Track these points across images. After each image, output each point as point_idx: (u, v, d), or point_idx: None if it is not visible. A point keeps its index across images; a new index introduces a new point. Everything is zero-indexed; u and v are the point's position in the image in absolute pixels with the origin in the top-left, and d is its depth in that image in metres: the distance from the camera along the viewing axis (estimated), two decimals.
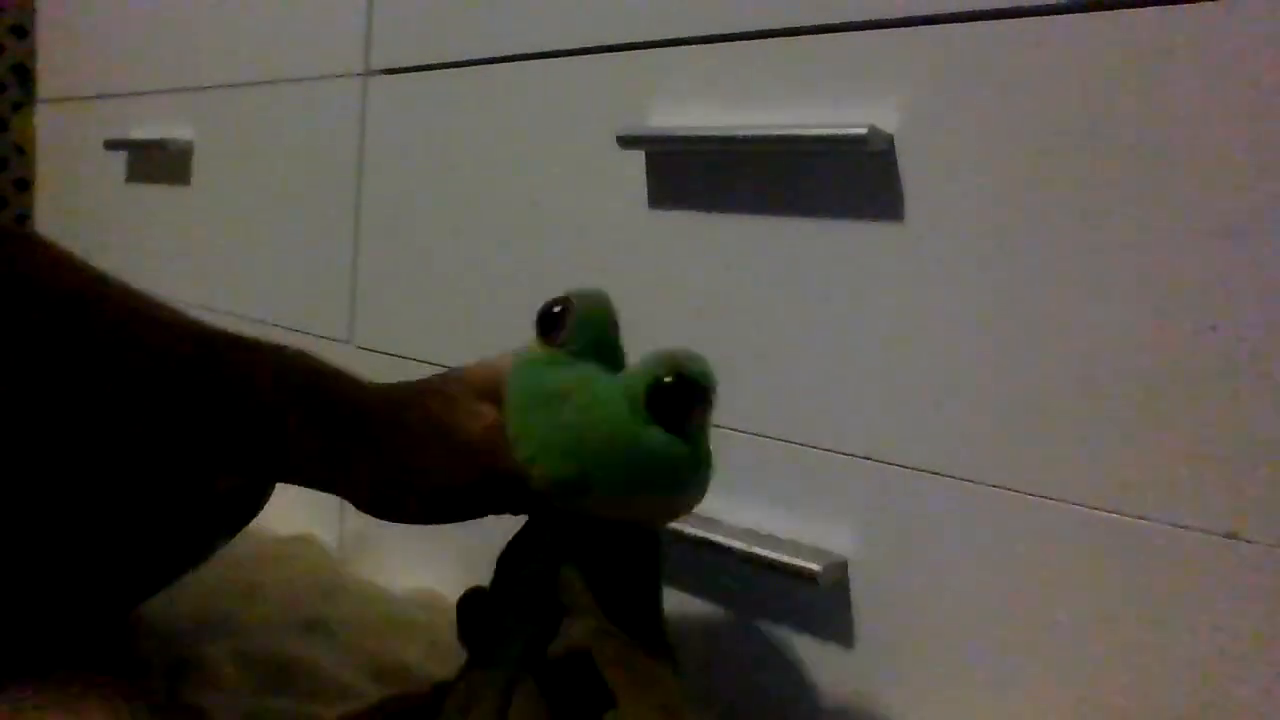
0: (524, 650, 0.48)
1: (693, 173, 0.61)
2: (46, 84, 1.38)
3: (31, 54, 1.49)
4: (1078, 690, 0.47)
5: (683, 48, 0.61)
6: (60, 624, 0.57)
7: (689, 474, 0.45)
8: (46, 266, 0.45)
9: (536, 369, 0.48)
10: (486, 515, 0.51)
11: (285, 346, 0.48)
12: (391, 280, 0.83)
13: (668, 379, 0.43)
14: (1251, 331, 0.42)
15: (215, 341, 0.46)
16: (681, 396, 0.43)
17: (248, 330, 0.49)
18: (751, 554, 0.55)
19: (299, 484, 0.49)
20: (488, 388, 0.49)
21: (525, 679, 0.47)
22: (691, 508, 0.47)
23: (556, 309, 0.48)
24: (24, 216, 1.74)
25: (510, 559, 0.50)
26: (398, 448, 0.47)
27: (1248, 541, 0.42)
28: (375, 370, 0.56)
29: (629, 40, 0.64)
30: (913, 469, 0.52)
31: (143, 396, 0.45)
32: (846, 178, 0.54)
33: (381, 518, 0.49)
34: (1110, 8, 0.45)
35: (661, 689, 0.47)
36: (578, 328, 0.48)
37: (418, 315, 0.80)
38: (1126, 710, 0.46)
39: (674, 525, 0.59)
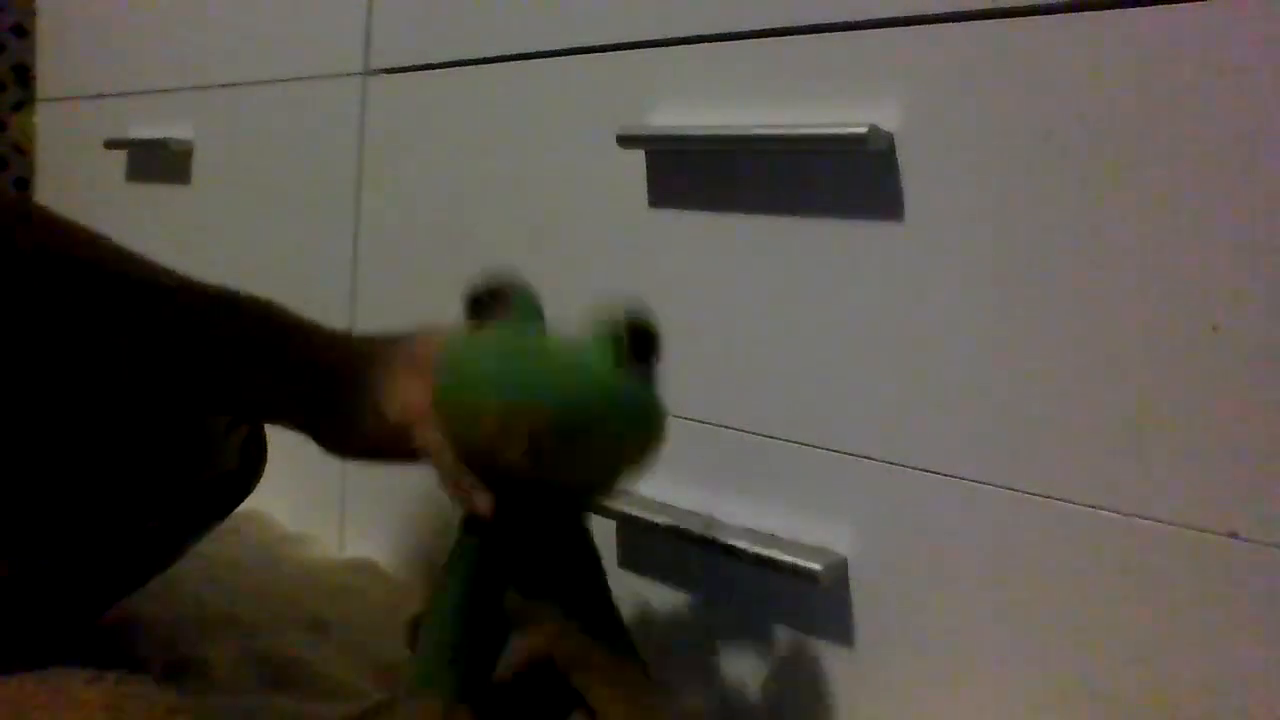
0: (461, 676, 0.47)
1: (693, 173, 0.61)
2: (46, 84, 1.38)
3: (31, 54, 1.48)
4: (1077, 689, 0.47)
5: (683, 48, 0.61)
6: (55, 612, 0.57)
7: (664, 416, 0.48)
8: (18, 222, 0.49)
9: (489, 337, 0.48)
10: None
11: (253, 297, 0.53)
12: (391, 280, 0.83)
13: (637, 328, 0.47)
14: (1252, 331, 0.42)
15: (189, 290, 0.51)
16: (650, 343, 0.48)
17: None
18: (751, 553, 0.55)
19: (254, 421, 0.61)
20: (424, 365, 0.51)
21: (462, 708, 0.46)
22: (656, 457, 0.48)
23: (488, 293, 0.50)
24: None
25: (447, 583, 0.50)
26: (338, 406, 0.53)
27: (1248, 541, 0.42)
28: None
29: (629, 40, 0.64)
30: (913, 469, 0.52)
31: (123, 337, 0.49)
32: (846, 178, 0.54)
33: (329, 453, 0.55)
34: (1110, 7, 0.45)
35: (635, 686, 0.48)
36: (517, 302, 0.49)
37: (418, 315, 0.80)
38: (1126, 709, 0.46)
39: (674, 523, 0.59)
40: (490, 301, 0.49)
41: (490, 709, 0.47)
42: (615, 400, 0.45)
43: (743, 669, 0.59)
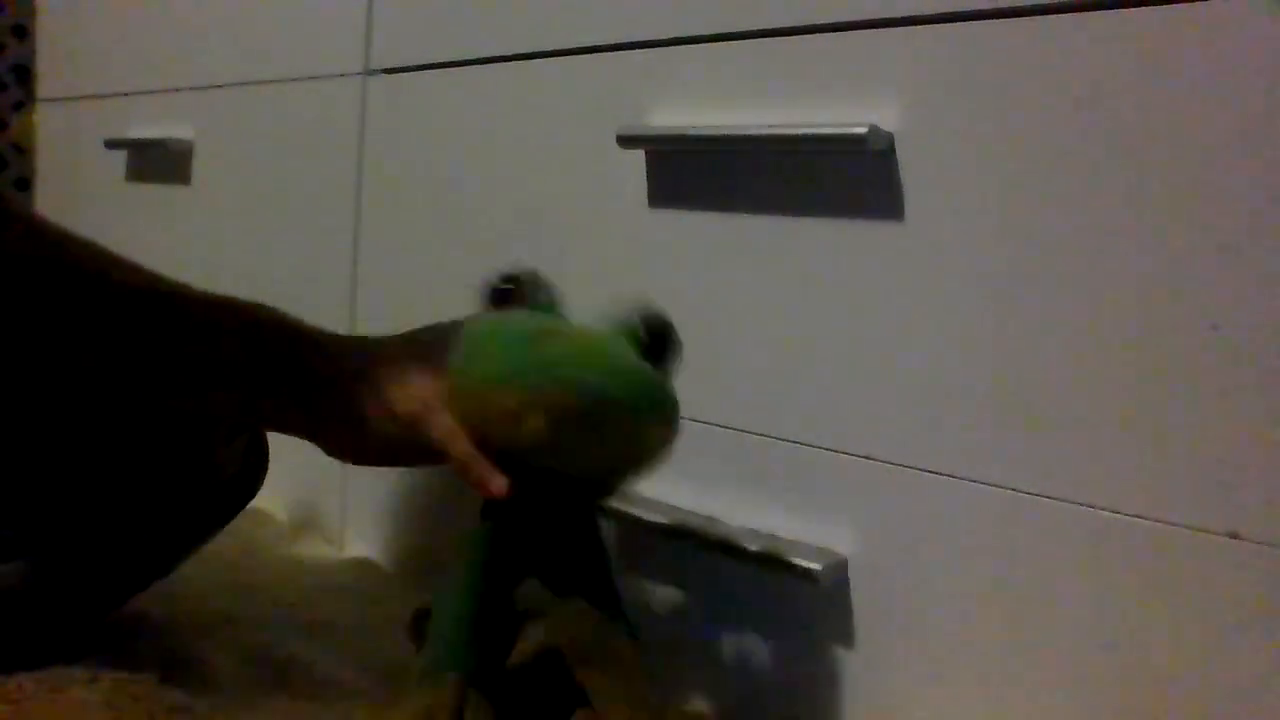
0: (473, 661, 0.47)
1: (693, 173, 0.61)
2: (46, 84, 1.38)
3: (31, 54, 1.48)
4: (1077, 690, 0.47)
5: (683, 48, 0.61)
6: (57, 613, 0.57)
7: (679, 410, 0.48)
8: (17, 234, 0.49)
9: (512, 318, 0.48)
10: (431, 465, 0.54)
11: (255, 305, 0.53)
12: (391, 280, 0.83)
13: (659, 327, 0.48)
14: (1252, 331, 0.42)
15: (187, 298, 0.51)
16: (670, 343, 0.48)
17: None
18: (751, 553, 0.55)
19: (258, 428, 0.62)
20: (435, 357, 0.51)
21: (475, 696, 0.46)
22: (669, 452, 0.49)
23: (509, 283, 0.50)
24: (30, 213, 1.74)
25: (460, 570, 0.49)
26: (343, 409, 0.52)
27: (1248, 541, 0.42)
28: None
29: (629, 40, 0.64)
30: (913, 469, 0.52)
31: (125, 344, 0.49)
32: (846, 178, 0.54)
33: (336, 458, 0.55)
34: (1110, 8, 0.45)
35: (639, 685, 0.47)
36: (537, 293, 0.50)
37: (418, 315, 0.80)
38: (1126, 709, 0.46)
39: (674, 523, 0.59)
40: (507, 292, 0.50)
41: (499, 697, 0.47)
42: (636, 391, 0.45)
43: (743, 669, 0.59)
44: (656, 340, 0.47)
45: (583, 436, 0.44)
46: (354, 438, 0.52)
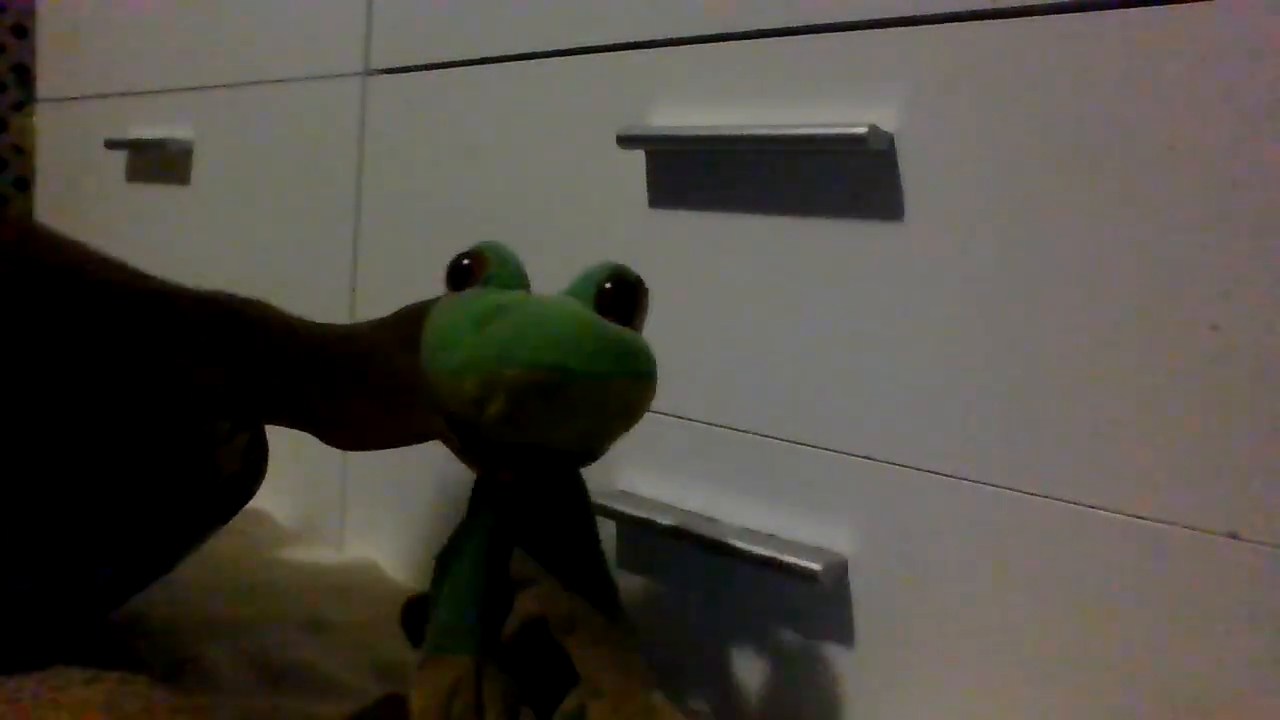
0: (484, 635, 0.47)
1: (693, 173, 0.61)
2: (46, 84, 1.38)
3: (31, 54, 1.49)
4: (1077, 690, 0.47)
5: (683, 48, 0.61)
6: (58, 612, 0.57)
7: (651, 361, 0.46)
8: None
9: (464, 300, 0.46)
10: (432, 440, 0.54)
11: (245, 299, 0.52)
12: (391, 280, 0.83)
13: (616, 280, 0.46)
14: (1252, 331, 0.42)
15: (185, 296, 0.51)
16: (631, 295, 0.47)
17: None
18: (751, 554, 0.55)
19: (259, 423, 0.61)
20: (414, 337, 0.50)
21: (489, 663, 0.47)
22: (647, 407, 0.47)
23: (467, 261, 0.49)
24: (24, 217, 1.74)
25: (452, 551, 0.50)
26: (347, 401, 0.53)
27: (1248, 541, 0.42)
28: None
29: (629, 40, 0.64)
30: (913, 469, 0.52)
31: (126, 347, 0.49)
32: (846, 178, 0.54)
33: (341, 448, 0.55)
34: (1110, 8, 0.45)
35: (624, 651, 0.48)
36: (497, 267, 0.48)
37: None
38: (1126, 710, 0.46)
39: (674, 523, 0.59)
40: (470, 270, 0.48)
41: (503, 663, 0.47)
42: (591, 349, 0.43)
43: (743, 669, 0.59)
44: (619, 297, 0.46)
45: (548, 407, 0.43)
46: (354, 426, 0.53)
